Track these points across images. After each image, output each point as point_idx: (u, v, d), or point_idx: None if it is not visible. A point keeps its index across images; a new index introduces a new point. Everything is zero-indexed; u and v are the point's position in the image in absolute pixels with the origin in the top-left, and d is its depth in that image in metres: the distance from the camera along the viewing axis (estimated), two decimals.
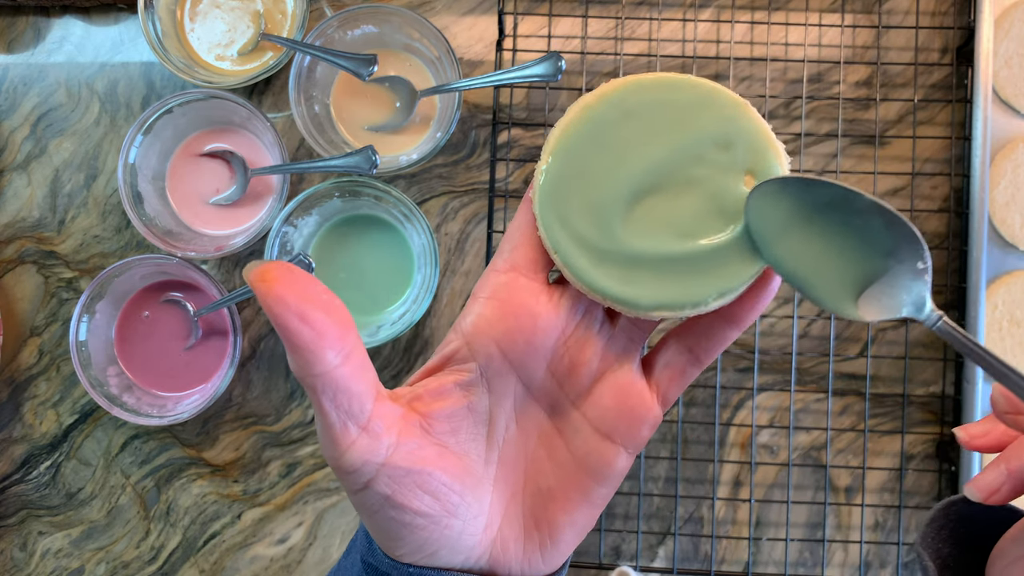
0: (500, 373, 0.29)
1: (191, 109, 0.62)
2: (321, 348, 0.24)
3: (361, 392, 0.26)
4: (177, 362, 0.64)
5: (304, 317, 0.23)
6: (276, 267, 0.23)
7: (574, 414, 0.30)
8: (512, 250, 0.30)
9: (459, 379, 0.29)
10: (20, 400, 0.66)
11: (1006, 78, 0.63)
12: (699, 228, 0.28)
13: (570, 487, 0.30)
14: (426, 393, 0.29)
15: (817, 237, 0.27)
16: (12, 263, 0.66)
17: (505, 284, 0.29)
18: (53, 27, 0.68)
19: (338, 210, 0.63)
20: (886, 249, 0.26)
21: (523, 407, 0.31)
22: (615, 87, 0.29)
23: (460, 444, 0.29)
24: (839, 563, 0.64)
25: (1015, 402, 0.26)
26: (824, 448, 0.64)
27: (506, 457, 0.30)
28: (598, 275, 0.28)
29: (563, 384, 0.30)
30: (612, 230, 0.28)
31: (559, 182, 0.29)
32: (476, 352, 0.29)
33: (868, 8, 0.65)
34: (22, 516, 0.65)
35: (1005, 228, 0.63)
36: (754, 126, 0.28)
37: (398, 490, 0.27)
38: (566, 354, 0.30)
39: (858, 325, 0.64)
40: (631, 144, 0.29)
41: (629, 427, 0.30)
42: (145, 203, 0.62)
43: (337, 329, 0.24)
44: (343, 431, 0.25)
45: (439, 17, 0.66)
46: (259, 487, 0.65)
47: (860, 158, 0.65)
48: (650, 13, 0.65)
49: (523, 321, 0.29)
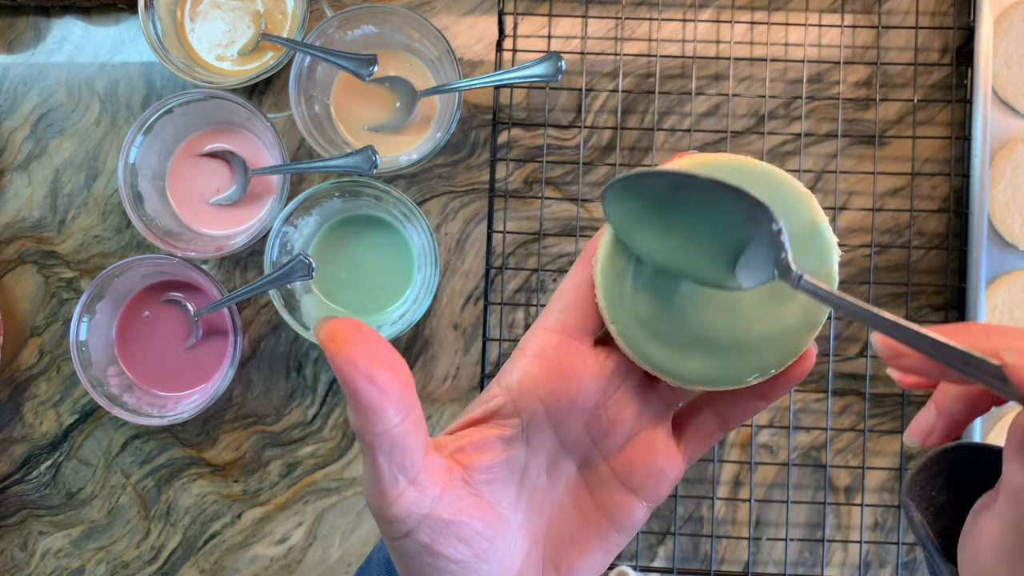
0: (541, 429, 0.30)
1: (191, 109, 0.62)
2: (384, 408, 0.25)
3: (415, 448, 0.26)
4: (177, 362, 0.64)
5: (372, 379, 0.24)
6: (345, 327, 0.24)
7: (603, 467, 0.32)
8: (564, 310, 0.31)
9: (502, 434, 0.30)
10: (20, 400, 0.66)
11: (1006, 78, 0.63)
12: (749, 313, 0.30)
13: (591, 534, 0.32)
14: (469, 445, 0.30)
15: (676, 224, 0.29)
16: (12, 263, 0.66)
17: (555, 345, 0.30)
18: (53, 27, 0.68)
19: (338, 210, 0.63)
20: (741, 220, 0.28)
21: (555, 459, 0.32)
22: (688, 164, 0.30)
23: (494, 493, 0.30)
24: (839, 563, 0.64)
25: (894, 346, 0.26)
26: (824, 448, 0.64)
27: (534, 504, 0.31)
28: (650, 348, 0.30)
29: (598, 441, 0.31)
30: (668, 309, 0.30)
31: (622, 254, 0.30)
32: (521, 409, 0.30)
33: (868, 8, 0.65)
34: (22, 516, 0.65)
35: (1005, 228, 0.63)
36: (812, 220, 0.30)
37: (437, 539, 0.28)
38: (604, 414, 0.31)
39: (857, 325, 0.64)
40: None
41: (656, 484, 0.31)
42: (145, 203, 0.62)
43: (400, 389, 0.25)
44: (392, 484, 0.26)
45: (439, 17, 0.66)
46: (259, 487, 0.65)
47: (860, 158, 0.65)
48: (650, 13, 0.66)
49: (569, 383, 0.30)
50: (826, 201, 0.65)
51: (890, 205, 0.65)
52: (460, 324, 0.65)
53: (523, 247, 0.65)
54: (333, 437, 0.65)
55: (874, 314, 0.26)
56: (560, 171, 0.65)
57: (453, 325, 0.65)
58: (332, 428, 0.65)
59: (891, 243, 0.65)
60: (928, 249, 0.65)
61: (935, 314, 0.64)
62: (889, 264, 0.65)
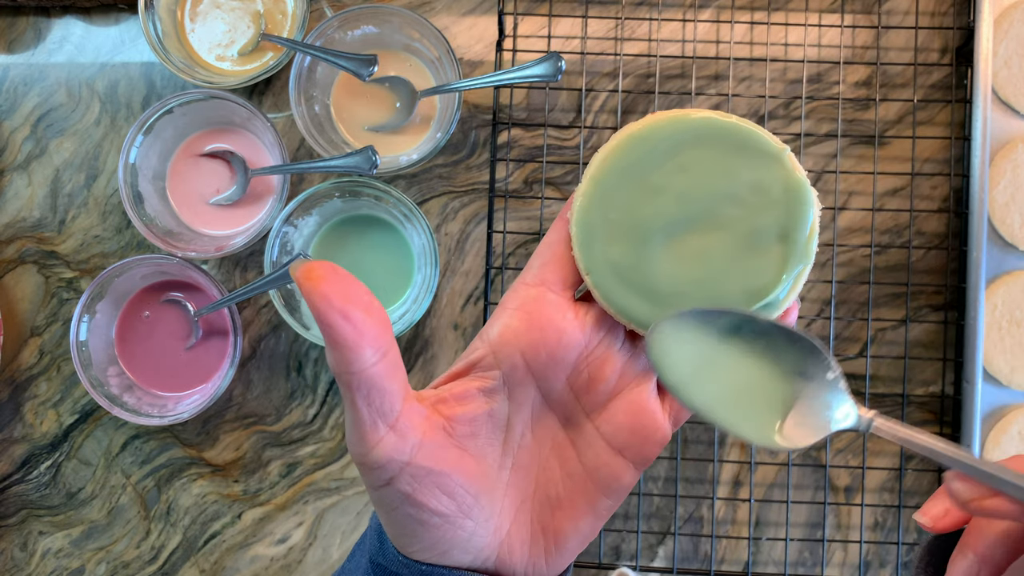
0: (521, 383, 0.30)
1: (191, 109, 0.62)
2: (360, 346, 0.25)
3: (393, 391, 0.26)
4: (177, 362, 0.64)
5: (346, 315, 0.24)
6: (321, 266, 0.24)
7: (588, 427, 0.32)
8: (542, 265, 0.31)
9: (482, 385, 0.30)
10: (20, 400, 0.66)
11: (1006, 78, 0.63)
12: (725, 267, 0.29)
13: (578, 497, 0.31)
14: (451, 396, 0.30)
15: (726, 369, 0.29)
16: (12, 263, 0.66)
17: (534, 298, 0.30)
18: (53, 27, 0.68)
19: (338, 210, 0.63)
20: (795, 368, 0.28)
21: (540, 416, 0.31)
22: (662, 119, 0.30)
23: (478, 447, 0.30)
24: (839, 563, 0.64)
25: (977, 488, 0.25)
26: (824, 448, 0.64)
27: (520, 463, 0.31)
28: (626, 299, 0.30)
29: (580, 397, 0.31)
30: (644, 259, 0.30)
31: (597, 207, 0.30)
32: (501, 361, 0.30)
33: (868, 8, 0.65)
34: (22, 516, 0.65)
35: (1005, 228, 0.63)
36: (790, 173, 0.30)
37: (419, 489, 0.27)
38: (586, 369, 0.31)
39: (857, 324, 0.64)
40: (670, 178, 0.30)
41: (640, 444, 0.31)
42: (145, 203, 0.62)
43: (376, 328, 0.25)
44: (372, 428, 0.26)
45: (439, 17, 0.66)
46: (259, 487, 0.65)
47: (860, 158, 0.65)
48: (650, 13, 0.66)
49: (548, 334, 0.30)
50: (826, 201, 0.65)
51: (890, 205, 0.65)
52: (460, 324, 0.65)
53: (523, 247, 0.65)
54: (333, 437, 0.65)
55: (953, 456, 0.24)
56: (560, 171, 0.65)
57: (453, 325, 0.65)
58: (332, 428, 0.65)
59: (891, 243, 0.65)
60: (928, 249, 0.65)
61: (935, 314, 0.64)
62: (889, 264, 0.65)
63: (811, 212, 0.29)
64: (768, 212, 0.29)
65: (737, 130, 0.30)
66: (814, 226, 0.29)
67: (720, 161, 0.30)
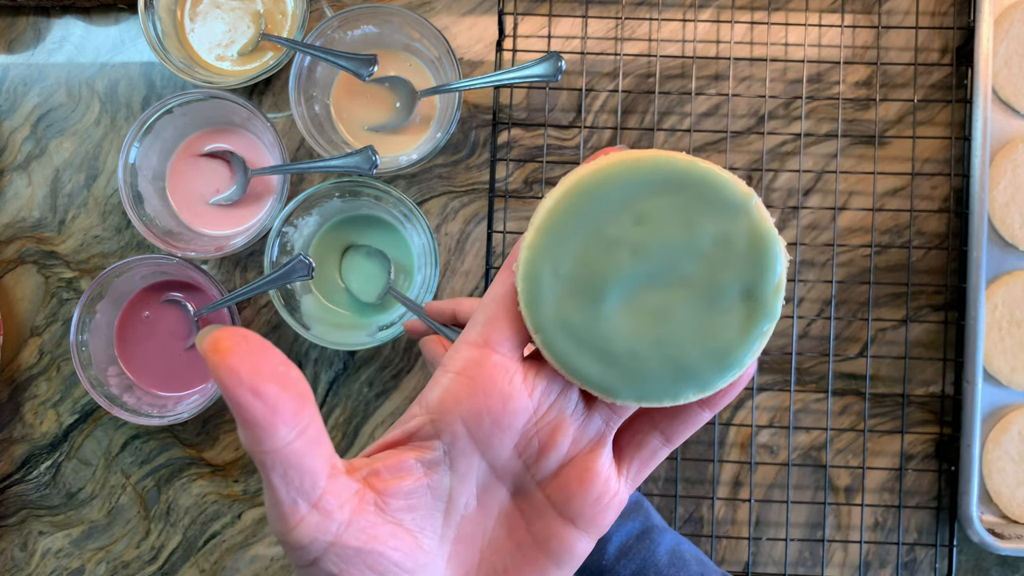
0: (464, 452, 0.28)
1: (191, 109, 0.62)
2: (273, 425, 0.23)
3: (314, 469, 0.25)
4: (177, 362, 0.64)
5: (257, 391, 0.23)
6: (229, 336, 0.22)
7: (538, 496, 0.30)
8: (487, 323, 0.28)
9: (421, 456, 0.28)
10: (20, 400, 0.66)
11: (1006, 78, 0.63)
12: (685, 326, 0.27)
13: (527, 568, 0.29)
14: (384, 469, 0.27)
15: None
16: (12, 263, 0.66)
17: (477, 360, 0.28)
18: (53, 27, 0.68)
19: (338, 210, 0.63)
20: None
21: (486, 485, 0.29)
22: (615, 163, 0.28)
23: (416, 521, 0.28)
24: (839, 563, 0.64)
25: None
26: (824, 448, 0.64)
27: (463, 535, 0.29)
28: (580, 360, 0.28)
29: (530, 466, 0.29)
30: (598, 317, 0.27)
31: (546, 260, 0.28)
32: (441, 430, 0.28)
33: (868, 8, 0.65)
34: (22, 516, 0.65)
35: (1005, 228, 0.63)
36: (756, 224, 0.27)
37: (346, 569, 0.26)
38: (536, 436, 0.29)
39: (857, 325, 0.64)
40: (626, 230, 0.27)
41: (594, 513, 0.29)
42: (145, 203, 0.62)
43: (292, 404, 0.23)
44: (292, 508, 0.25)
45: (439, 17, 0.66)
46: (259, 487, 0.65)
47: (860, 158, 0.65)
48: (650, 13, 0.66)
49: (493, 401, 0.28)
50: (826, 201, 0.65)
51: (890, 205, 0.65)
52: None
53: None
54: (333, 437, 0.65)
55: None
56: (560, 171, 0.65)
57: None
58: (332, 428, 0.65)
59: (891, 243, 0.65)
60: (928, 249, 0.65)
61: (935, 314, 0.64)
62: (889, 264, 0.64)
63: (778, 266, 0.27)
64: (732, 267, 0.27)
65: (699, 175, 0.27)
66: (781, 281, 0.27)
67: (680, 211, 0.27)
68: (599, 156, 0.28)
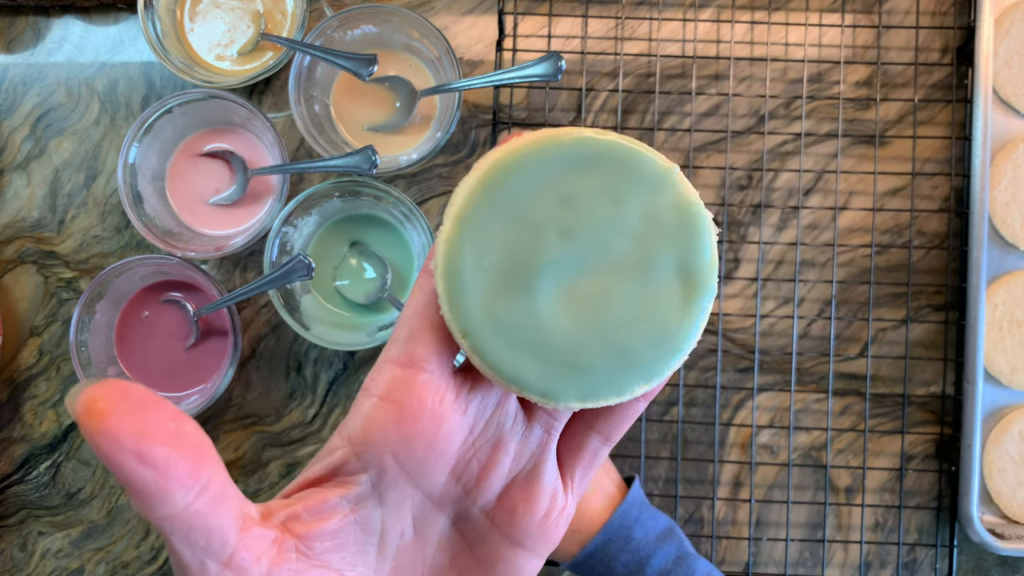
0: (395, 484, 0.26)
1: (191, 109, 0.62)
2: (167, 490, 0.20)
3: (221, 527, 0.22)
4: (177, 362, 0.64)
5: (143, 457, 0.20)
6: (106, 395, 0.19)
7: (481, 520, 0.27)
8: (409, 338, 0.26)
9: (345, 493, 0.25)
10: (20, 400, 0.66)
11: (1006, 78, 0.63)
12: (624, 311, 0.25)
13: None
14: (305, 511, 0.25)
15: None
16: (12, 263, 0.66)
17: (403, 381, 0.25)
18: (53, 27, 0.68)
19: (338, 210, 0.63)
20: None
21: (422, 514, 0.27)
22: (531, 142, 0.26)
23: (346, 559, 0.25)
24: (839, 563, 0.63)
25: None
26: (824, 448, 0.64)
27: (400, 565, 0.27)
28: (515, 362, 0.25)
29: (470, 491, 0.27)
30: (531, 310, 0.25)
31: (467, 253, 0.25)
32: (367, 463, 0.25)
33: (868, 8, 0.65)
34: (22, 516, 0.65)
35: (1005, 228, 0.63)
36: (681, 196, 0.26)
37: None
38: (474, 458, 0.27)
39: (858, 325, 0.64)
40: (551, 212, 0.25)
41: (543, 532, 0.27)
42: (145, 203, 0.62)
43: (187, 464, 0.21)
44: (201, 570, 0.22)
45: (439, 17, 0.66)
46: (259, 487, 0.65)
47: (860, 158, 0.65)
48: (650, 13, 0.65)
49: (424, 426, 0.25)
50: (826, 201, 0.65)
51: (890, 205, 0.65)
52: None
53: None
54: None
55: None
56: None
57: None
58: (332, 428, 0.65)
59: (891, 243, 0.65)
60: (928, 249, 0.65)
61: (935, 314, 0.64)
62: (889, 264, 0.64)
63: (707, 237, 0.26)
64: (664, 242, 0.26)
65: (618, 150, 0.26)
66: (713, 253, 0.26)
67: (605, 188, 0.25)
68: (511, 139, 0.26)
